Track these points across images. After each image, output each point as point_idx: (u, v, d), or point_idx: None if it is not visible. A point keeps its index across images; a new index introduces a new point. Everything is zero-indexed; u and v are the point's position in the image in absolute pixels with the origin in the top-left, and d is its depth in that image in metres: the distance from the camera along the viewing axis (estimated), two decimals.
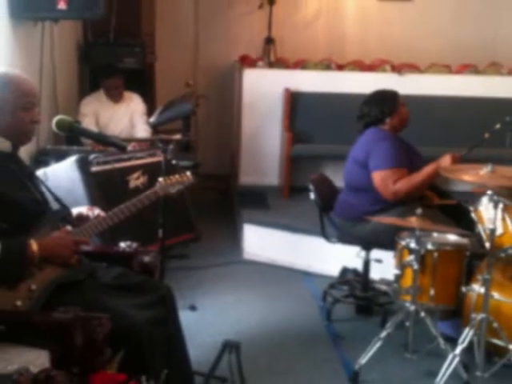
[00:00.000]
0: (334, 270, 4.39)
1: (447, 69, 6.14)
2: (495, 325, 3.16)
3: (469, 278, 3.36)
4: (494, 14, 6.78)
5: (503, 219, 3.31)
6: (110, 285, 2.48)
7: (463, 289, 3.31)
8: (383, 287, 4.01)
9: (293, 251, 4.85)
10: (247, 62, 6.28)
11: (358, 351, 3.34)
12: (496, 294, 3.26)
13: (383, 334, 3.27)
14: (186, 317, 3.10)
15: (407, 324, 3.35)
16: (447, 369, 3.08)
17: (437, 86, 5.86)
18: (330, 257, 4.50)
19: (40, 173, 3.44)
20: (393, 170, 3.71)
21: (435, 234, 3.45)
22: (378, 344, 3.25)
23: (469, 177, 3.10)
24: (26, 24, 4.03)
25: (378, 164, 3.74)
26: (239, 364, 2.76)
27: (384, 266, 3.84)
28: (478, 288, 3.24)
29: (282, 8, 6.48)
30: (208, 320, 3.89)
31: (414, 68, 6.10)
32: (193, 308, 3.98)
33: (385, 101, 3.89)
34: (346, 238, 3.95)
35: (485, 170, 3.08)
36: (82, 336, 2.08)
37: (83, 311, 2.14)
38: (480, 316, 3.13)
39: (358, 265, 4.05)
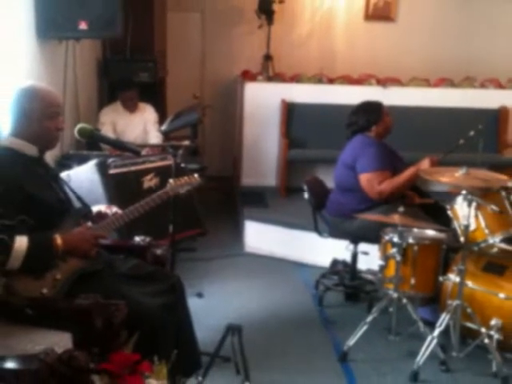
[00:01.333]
0: (325, 262, 4.39)
1: (426, 82, 6.13)
2: (469, 310, 3.16)
3: (445, 269, 3.37)
4: (468, 34, 6.78)
5: (476, 216, 3.30)
6: (126, 274, 2.49)
7: (440, 278, 3.31)
8: (369, 277, 4.01)
9: (289, 245, 4.84)
10: (248, 76, 6.27)
11: (346, 334, 3.34)
12: (470, 283, 3.26)
13: (369, 318, 3.27)
14: (193, 303, 3.10)
15: (391, 309, 3.36)
16: (426, 349, 3.09)
17: (417, 98, 5.85)
18: (321, 250, 4.49)
19: (64, 175, 3.42)
20: (378, 172, 3.71)
21: (415, 230, 3.46)
22: (365, 327, 3.26)
23: (445, 178, 3.10)
24: (51, 42, 4.02)
25: (365, 167, 3.74)
26: (241, 345, 2.75)
27: (370, 258, 3.85)
28: (453, 277, 3.25)
29: (279, 28, 6.46)
30: (213, 306, 3.89)
31: (396, 81, 6.09)
32: (200, 295, 3.98)
33: (371, 111, 3.90)
34: (336, 233, 3.96)
35: (460, 173, 3.08)
36: (101, 320, 2.08)
37: (102, 298, 2.14)
38: (455, 302, 3.14)
39: (347, 257, 4.05)
